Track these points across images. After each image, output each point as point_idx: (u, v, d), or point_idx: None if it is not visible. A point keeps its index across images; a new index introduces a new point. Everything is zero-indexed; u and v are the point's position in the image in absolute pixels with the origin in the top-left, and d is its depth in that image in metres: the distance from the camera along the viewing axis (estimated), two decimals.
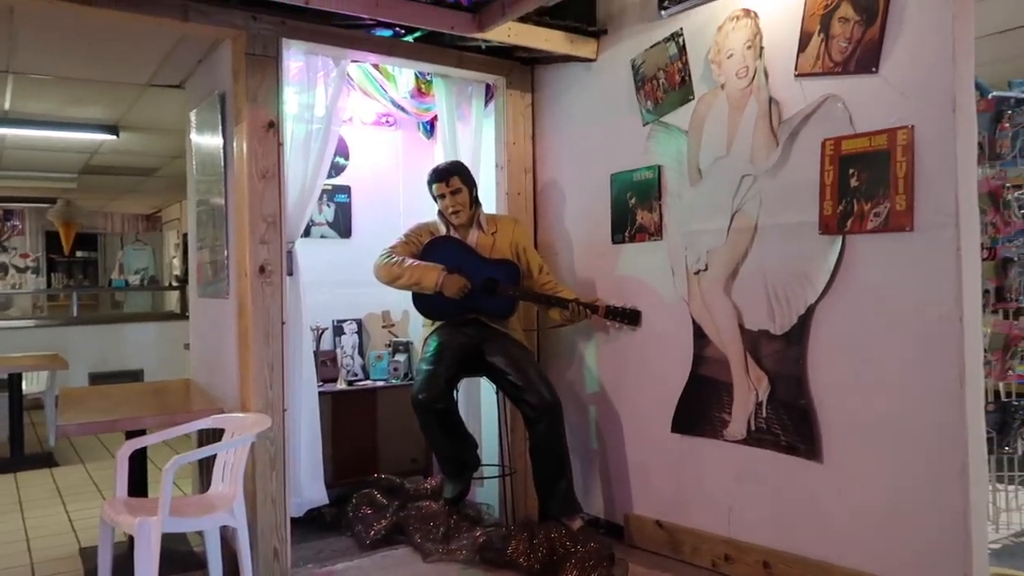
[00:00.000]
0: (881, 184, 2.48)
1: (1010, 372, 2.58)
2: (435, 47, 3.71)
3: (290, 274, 3.43)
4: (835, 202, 2.61)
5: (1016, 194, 2.58)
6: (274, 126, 3.26)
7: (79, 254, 12.32)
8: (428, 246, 3.53)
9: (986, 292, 2.51)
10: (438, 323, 3.54)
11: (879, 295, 2.50)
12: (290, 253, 3.45)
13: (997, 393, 2.88)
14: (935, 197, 2.35)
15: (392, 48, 3.62)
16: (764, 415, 2.87)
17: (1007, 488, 3.08)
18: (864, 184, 2.53)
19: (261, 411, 3.21)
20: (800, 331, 2.73)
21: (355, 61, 3.97)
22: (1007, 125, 2.54)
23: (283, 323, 3.29)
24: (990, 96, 2.64)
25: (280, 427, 3.27)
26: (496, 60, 3.90)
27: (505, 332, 3.52)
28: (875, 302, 2.51)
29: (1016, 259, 2.55)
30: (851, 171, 2.57)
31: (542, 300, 3.51)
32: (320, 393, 4.11)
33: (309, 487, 3.63)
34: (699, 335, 3.15)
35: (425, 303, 3.49)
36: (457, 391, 3.55)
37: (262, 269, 3.22)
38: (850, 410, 2.59)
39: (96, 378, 7.62)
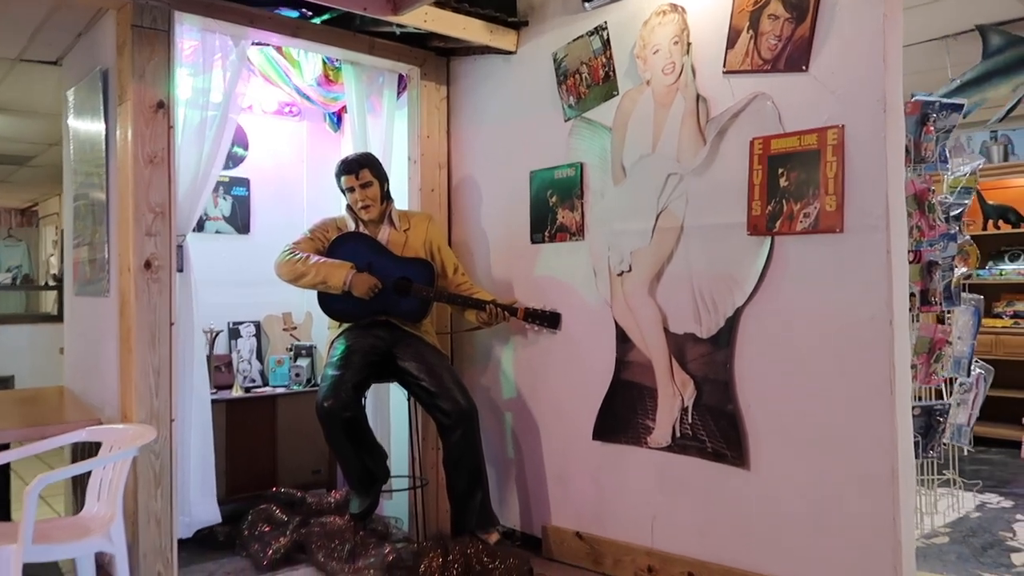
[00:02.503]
0: (811, 184, 2.43)
1: (934, 376, 2.58)
2: (345, 31, 3.48)
3: (180, 270, 3.12)
4: (764, 202, 2.55)
5: (940, 197, 2.60)
6: (164, 106, 2.96)
7: None
8: (335, 242, 3.29)
9: (912, 295, 2.52)
10: (345, 325, 3.30)
11: (809, 298, 2.45)
12: (180, 247, 3.14)
13: (919, 397, 2.90)
14: (865, 198, 2.32)
15: (297, 30, 3.36)
16: (690, 421, 2.79)
17: (925, 492, 3.11)
18: (793, 184, 2.48)
19: (145, 422, 2.89)
20: (727, 334, 2.66)
21: (256, 44, 3.69)
22: (932, 129, 2.55)
23: (171, 324, 2.97)
24: (914, 99, 2.65)
25: (167, 439, 2.96)
26: (410, 49, 3.70)
27: (418, 335, 3.31)
28: (805, 305, 2.46)
29: (940, 263, 2.56)
30: (780, 171, 2.52)
31: (458, 301, 3.33)
32: (213, 401, 3.79)
33: (199, 504, 3.31)
34: (622, 339, 3.04)
35: (331, 304, 3.25)
36: (365, 398, 3.32)
37: (148, 264, 2.91)
38: (779, 415, 2.53)
39: None
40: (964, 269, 2.73)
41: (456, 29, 3.30)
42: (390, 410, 3.82)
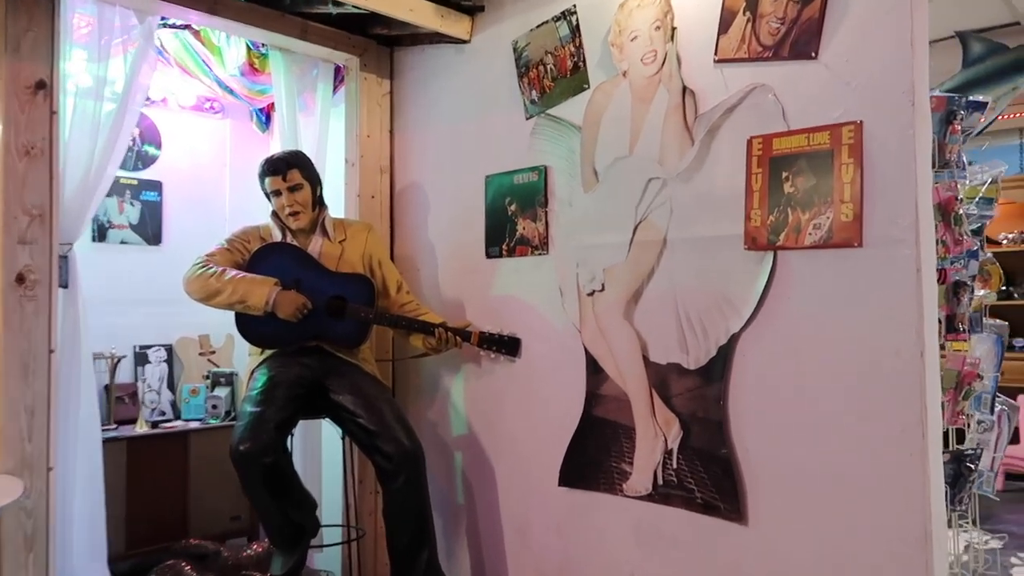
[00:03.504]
0: (822, 191, 2.07)
1: (961, 415, 2.26)
2: (273, 11, 3.02)
3: (64, 286, 2.60)
4: (765, 211, 2.18)
5: (966, 208, 2.28)
6: (46, 87, 2.45)
7: None
8: (257, 254, 2.80)
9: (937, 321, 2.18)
10: (268, 352, 2.81)
11: (820, 324, 2.07)
12: (65, 258, 2.62)
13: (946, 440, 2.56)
14: (889, 207, 1.96)
15: (216, 6, 2.89)
16: (675, 466, 2.39)
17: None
18: (800, 190, 2.12)
19: (14, 472, 2.37)
20: (720, 366, 2.27)
21: (168, 25, 3.21)
22: (958, 128, 2.24)
23: (51, 352, 2.46)
24: (935, 94, 2.32)
25: (43, 493, 2.44)
26: (349, 36, 3.26)
27: (354, 363, 2.84)
28: (815, 332, 2.08)
29: (968, 283, 2.23)
30: (784, 175, 2.15)
31: (402, 324, 2.87)
32: (112, 439, 3.29)
33: (86, 569, 2.76)
34: (593, 368, 2.63)
35: (252, 327, 2.75)
36: (292, 436, 2.83)
37: (20, 278, 2.39)
38: (783, 462, 2.14)
39: None
40: (985, 291, 2.43)
41: (402, 10, 2.87)
42: (321, 448, 3.33)
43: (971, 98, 2.27)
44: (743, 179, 2.23)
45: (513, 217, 2.90)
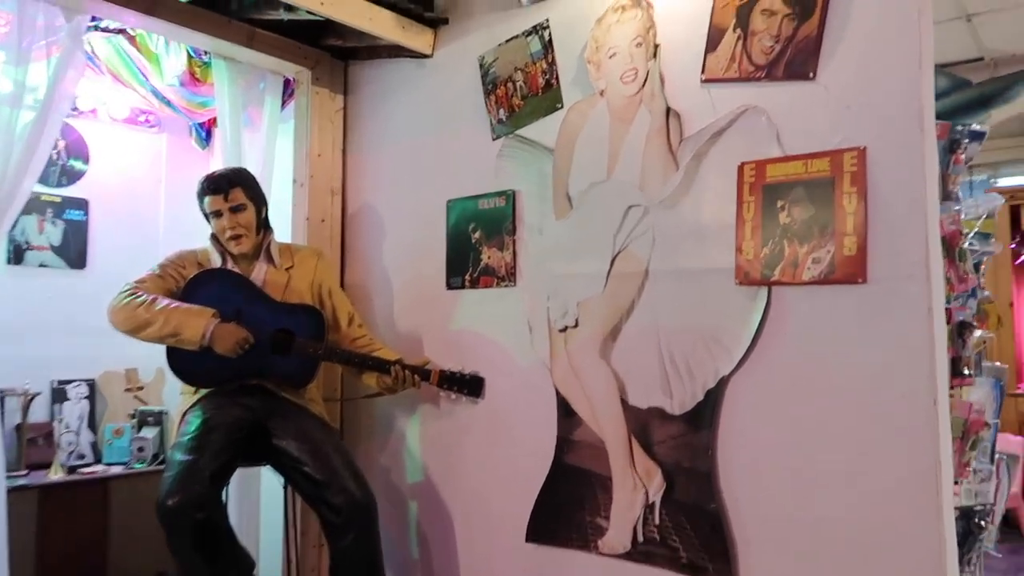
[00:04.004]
0: (822, 222, 1.91)
1: (968, 467, 2.11)
2: (218, 15, 2.77)
3: None
4: (758, 243, 2.01)
5: (968, 243, 2.15)
6: None
7: None
8: (194, 282, 2.51)
9: None
10: (203, 391, 2.51)
11: (820, 366, 1.90)
12: None
13: None
14: (897, 240, 1.80)
15: (153, 6, 2.62)
16: (657, 522, 2.17)
17: None
18: (797, 221, 1.95)
19: None
20: (709, 411, 2.07)
21: (98, 28, 2.94)
22: (962, 158, 2.12)
23: None
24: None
25: None
26: (299, 46, 3.03)
27: (301, 405, 2.57)
28: (814, 375, 1.91)
29: (972, 323, 2.10)
30: (779, 204, 1.98)
31: (354, 361, 2.61)
32: (21, 487, 2.93)
33: None
34: (565, 411, 2.41)
35: (185, 363, 2.46)
36: (227, 485, 2.52)
37: None
38: (778, 519, 1.95)
39: None
40: (981, 331, 2.31)
41: (360, 19, 2.64)
42: (260, 497, 3.02)
43: (973, 128, 2.16)
44: (733, 208, 2.06)
45: (477, 245, 2.68)
